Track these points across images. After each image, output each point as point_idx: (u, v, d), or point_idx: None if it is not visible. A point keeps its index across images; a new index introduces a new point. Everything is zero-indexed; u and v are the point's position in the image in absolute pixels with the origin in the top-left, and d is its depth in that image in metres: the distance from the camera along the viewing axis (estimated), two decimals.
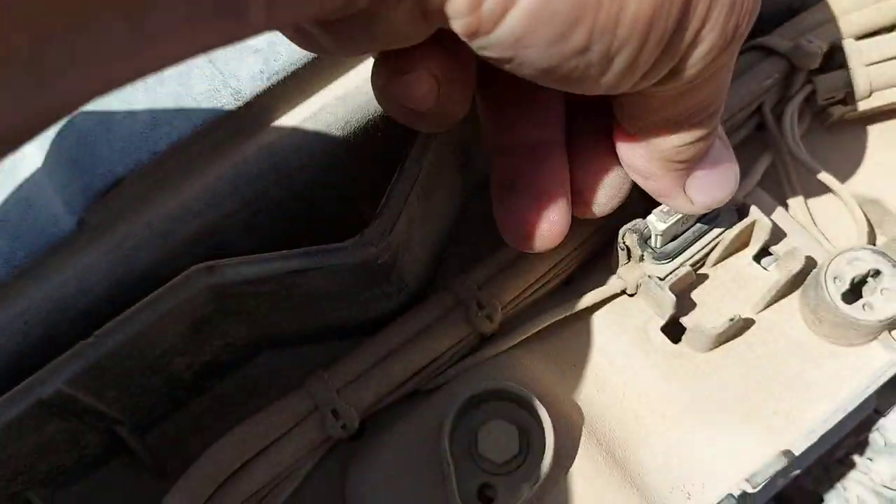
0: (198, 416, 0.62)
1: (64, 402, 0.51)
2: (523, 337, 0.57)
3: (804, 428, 0.51)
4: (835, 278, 0.52)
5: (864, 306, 0.52)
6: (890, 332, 0.53)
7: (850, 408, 0.51)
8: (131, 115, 0.49)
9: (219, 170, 0.53)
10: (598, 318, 0.58)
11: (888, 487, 0.77)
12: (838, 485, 0.86)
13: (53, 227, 0.51)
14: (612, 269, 0.57)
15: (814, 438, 0.50)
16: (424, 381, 0.57)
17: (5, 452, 0.51)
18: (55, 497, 0.59)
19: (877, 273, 0.52)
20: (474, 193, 0.65)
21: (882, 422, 0.72)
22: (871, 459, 0.77)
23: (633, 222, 0.54)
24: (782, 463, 0.48)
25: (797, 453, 0.50)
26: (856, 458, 0.80)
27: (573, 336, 0.58)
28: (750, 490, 0.47)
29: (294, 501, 0.54)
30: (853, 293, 0.52)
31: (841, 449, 0.81)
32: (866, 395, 0.52)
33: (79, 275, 0.52)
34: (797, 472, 0.59)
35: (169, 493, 0.51)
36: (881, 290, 0.52)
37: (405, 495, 0.53)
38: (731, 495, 0.47)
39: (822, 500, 0.93)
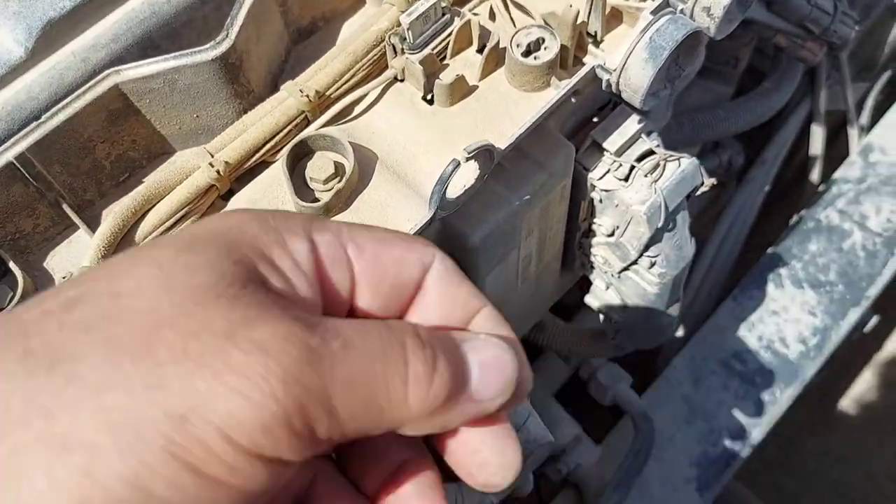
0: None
1: (24, 165, 0.77)
2: (336, 111, 0.87)
3: (506, 140, 0.84)
4: (517, 45, 0.85)
5: (534, 57, 0.85)
6: (556, 77, 0.87)
7: (530, 124, 0.84)
8: None
9: (121, 13, 0.81)
10: (382, 101, 0.89)
11: (609, 236, 1.10)
12: (591, 257, 1.19)
13: (8, 55, 0.78)
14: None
15: (512, 139, 0.83)
16: (272, 151, 0.86)
17: None
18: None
19: (541, 40, 0.86)
20: (294, 38, 0.95)
21: (590, 177, 1.04)
22: (597, 220, 1.11)
23: (395, 29, 0.85)
24: (488, 145, 0.80)
25: (503, 146, 0.82)
26: (593, 226, 1.14)
27: (369, 113, 0.89)
28: (465, 157, 0.78)
29: None
30: (529, 53, 0.86)
31: (584, 223, 1.14)
32: (542, 115, 0.84)
33: (27, 87, 0.79)
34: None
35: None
36: (543, 48, 0.85)
37: None
38: (455, 159, 0.78)
39: (590, 282, 1.27)
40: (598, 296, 1.25)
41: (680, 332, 1.88)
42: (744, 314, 1.73)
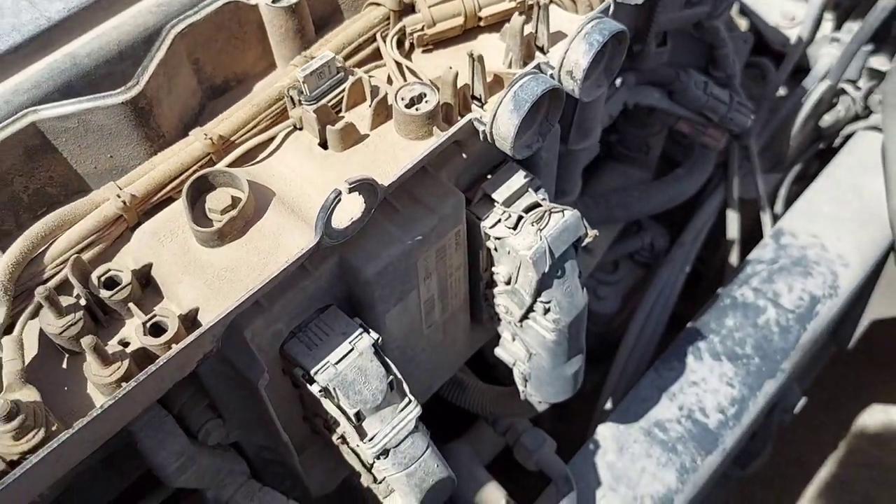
0: None
1: None
2: (236, 157, 0.96)
3: (389, 178, 0.93)
4: (401, 98, 0.96)
5: (416, 109, 0.96)
6: (438, 128, 0.97)
7: (411, 165, 0.93)
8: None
9: (44, 63, 0.92)
10: (283, 147, 0.99)
11: (507, 284, 1.18)
12: (495, 308, 1.26)
13: None
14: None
15: (394, 178, 0.92)
16: (178, 188, 0.94)
17: None
18: None
19: (422, 95, 0.97)
20: (209, 94, 1.05)
21: (483, 226, 1.13)
22: (495, 269, 1.19)
23: (293, 85, 0.96)
24: (369, 179, 0.89)
25: (386, 184, 0.91)
26: (493, 276, 1.22)
27: (271, 157, 0.98)
28: (347, 188, 0.86)
29: None
30: (411, 106, 0.96)
31: (486, 273, 1.22)
32: (425, 157, 0.94)
33: None
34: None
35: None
36: (424, 101, 0.96)
37: None
38: (336, 189, 0.86)
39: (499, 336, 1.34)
40: (506, 347, 1.32)
41: (608, 405, 1.93)
42: (665, 385, 1.79)
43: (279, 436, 1.06)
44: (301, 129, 1.00)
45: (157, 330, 0.84)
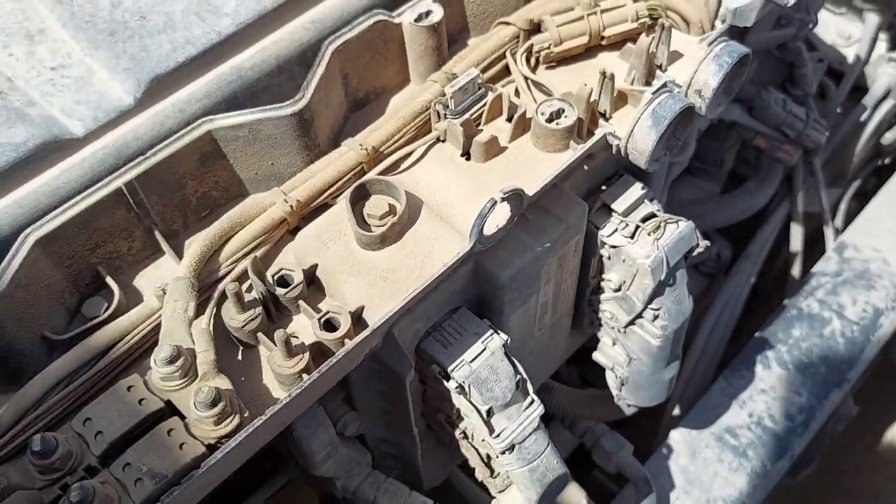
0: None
1: (130, 192, 0.91)
2: (388, 164, 1.03)
3: (533, 188, 0.99)
4: (542, 113, 1.02)
5: (556, 123, 1.02)
6: (574, 141, 1.03)
7: (553, 176, 0.99)
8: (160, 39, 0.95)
9: (213, 74, 0.98)
10: (426, 158, 1.05)
11: (616, 291, 1.24)
12: (600, 313, 1.33)
13: (119, 102, 0.94)
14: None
15: (538, 187, 0.98)
16: (333, 195, 1.01)
17: (93, 225, 0.91)
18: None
19: (561, 110, 1.03)
20: (352, 107, 1.12)
21: (601, 234, 1.20)
22: (606, 276, 1.25)
23: (440, 98, 1.03)
24: (519, 189, 0.95)
25: (530, 193, 0.97)
26: (602, 282, 1.28)
27: (415, 167, 1.05)
28: (500, 198, 0.93)
29: None
30: (551, 120, 1.03)
31: (594, 279, 1.28)
32: (564, 169, 1.01)
33: (134, 129, 0.95)
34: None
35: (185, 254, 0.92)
36: (564, 116, 1.02)
37: None
38: (492, 198, 0.93)
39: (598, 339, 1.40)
40: (606, 352, 1.38)
41: (676, 411, 1.99)
42: (735, 392, 1.84)
43: (410, 429, 1.13)
44: (444, 140, 1.06)
45: (329, 326, 0.90)
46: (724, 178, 1.98)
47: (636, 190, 1.18)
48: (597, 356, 1.40)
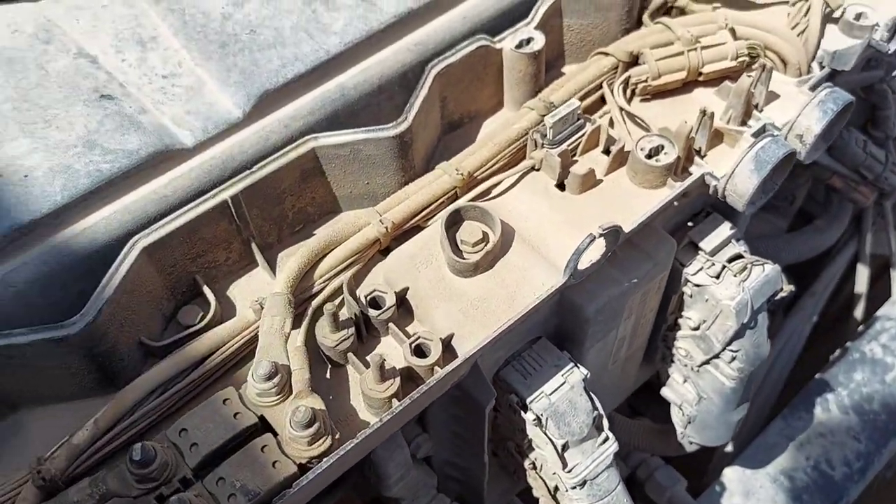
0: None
1: (234, 205, 0.92)
2: (481, 190, 1.02)
3: (630, 225, 0.98)
4: (641, 149, 1.01)
5: (656, 160, 1.01)
6: (672, 179, 1.02)
7: (650, 213, 0.99)
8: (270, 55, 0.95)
9: (318, 91, 0.99)
10: (519, 186, 1.05)
11: (695, 329, 1.23)
12: (674, 350, 1.31)
13: (228, 115, 0.95)
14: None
15: (634, 224, 0.97)
16: (425, 217, 1.01)
17: (197, 235, 0.92)
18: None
19: (661, 147, 1.02)
20: (446, 129, 1.12)
21: (686, 272, 1.18)
22: (685, 314, 1.24)
23: (537, 127, 1.02)
24: (617, 226, 0.94)
25: (627, 230, 0.96)
26: (679, 319, 1.27)
27: (507, 195, 1.04)
28: (599, 233, 0.92)
29: None
30: (651, 157, 1.02)
31: (672, 316, 1.27)
32: (662, 206, 0.99)
33: (240, 143, 0.96)
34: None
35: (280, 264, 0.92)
36: (663, 153, 1.01)
37: None
38: (591, 234, 0.92)
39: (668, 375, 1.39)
40: (675, 388, 1.36)
41: (729, 448, 1.96)
42: (793, 434, 1.81)
43: (481, 455, 1.12)
44: (538, 169, 1.05)
45: (419, 352, 0.90)
46: (792, 215, 1.94)
47: (725, 230, 1.16)
48: (665, 392, 1.38)
